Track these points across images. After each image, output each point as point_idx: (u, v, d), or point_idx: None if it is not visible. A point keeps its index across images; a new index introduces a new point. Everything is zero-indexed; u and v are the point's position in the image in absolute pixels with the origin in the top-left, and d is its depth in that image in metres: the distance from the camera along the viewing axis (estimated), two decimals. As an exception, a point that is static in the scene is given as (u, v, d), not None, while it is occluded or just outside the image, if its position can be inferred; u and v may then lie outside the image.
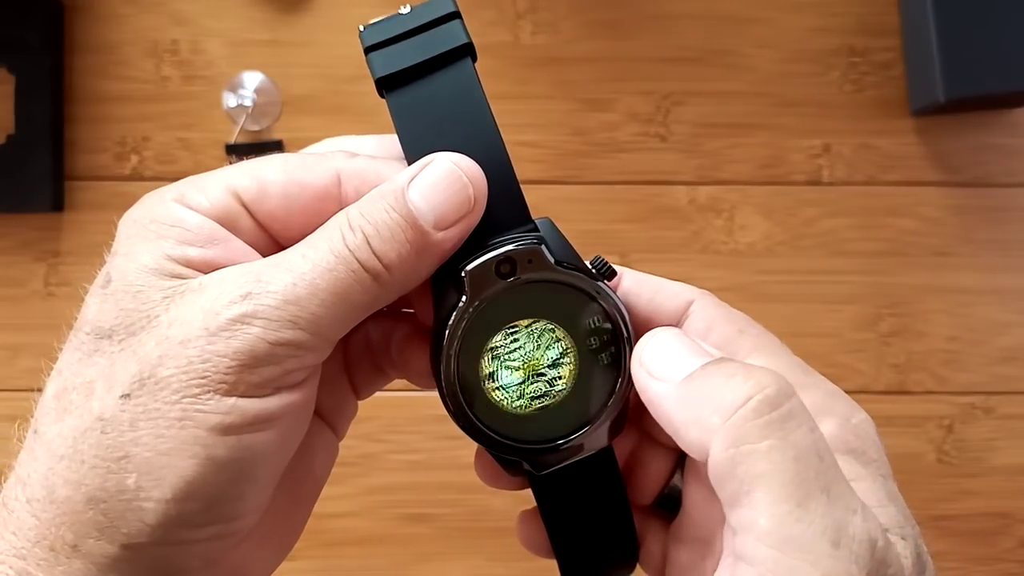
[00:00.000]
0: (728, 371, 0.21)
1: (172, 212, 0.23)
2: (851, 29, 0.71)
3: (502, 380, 0.26)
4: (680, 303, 0.25)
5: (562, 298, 0.25)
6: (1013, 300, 0.70)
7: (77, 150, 0.69)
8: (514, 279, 0.25)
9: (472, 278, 0.24)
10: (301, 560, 0.67)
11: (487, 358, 0.26)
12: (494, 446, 0.26)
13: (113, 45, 0.70)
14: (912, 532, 0.21)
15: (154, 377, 0.21)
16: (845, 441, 0.22)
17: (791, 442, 0.20)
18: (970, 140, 0.70)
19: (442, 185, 0.23)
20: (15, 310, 0.67)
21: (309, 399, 0.23)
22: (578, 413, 0.26)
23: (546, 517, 0.27)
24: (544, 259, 0.25)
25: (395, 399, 0.68)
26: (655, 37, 0.71)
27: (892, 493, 0.22)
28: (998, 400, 0.69)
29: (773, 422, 0.20)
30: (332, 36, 0.70)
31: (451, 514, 0.68)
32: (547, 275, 0.25)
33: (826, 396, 0.23)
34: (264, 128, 0.69)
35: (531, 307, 0.25)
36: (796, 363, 0.24)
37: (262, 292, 0.21)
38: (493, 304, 0.25)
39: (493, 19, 0.70)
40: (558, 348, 0.26)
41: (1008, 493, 0.69)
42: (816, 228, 0.70)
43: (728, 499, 0.20)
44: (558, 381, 0.26)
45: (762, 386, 0.20)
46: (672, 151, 0.70)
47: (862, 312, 0.69)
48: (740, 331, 0.24)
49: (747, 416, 0.20)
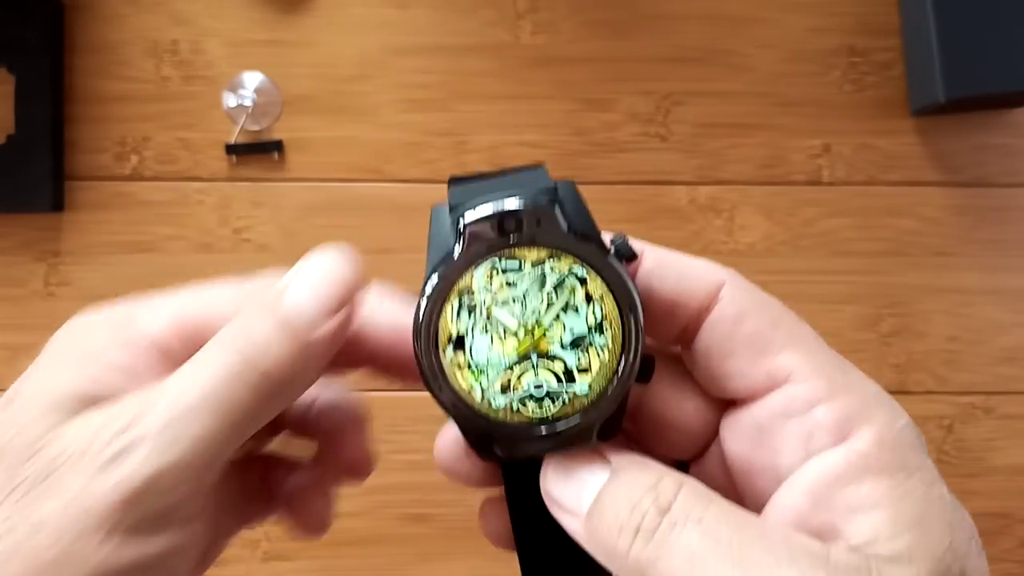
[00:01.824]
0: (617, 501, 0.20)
1: (105, 340, 0.22)
2: (851, 29, 0.71)
3: (475, 353, 0.20)
4: (709, 287, 0.22)
5: None
6: (1013, 300, 0.70)
7: (77, 150, 0.69)
8: (517, 240, 0.20)
9: (468, 228, 0.20)
10: (301, 560, 0.67)
11: (451, 308, 0.20)
12: (465, 423, 0.21)
13: (113, 45, 0.70)
14: (967, 532, 0.20)
15: (32, 518, 0.19)
16: (880, 459, 0.20)
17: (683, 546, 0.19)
18: (970, 140, 0.70)
19: (316, 281, 0.22)
20: (15, 310, 0.67)
21: (196, 537, 0.21)
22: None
23: (512, 510, 0.23)
24: (555, 223, 0.20)
25: (395, 399, 0.68)
26: (655, 37, 0.71)
27: (936, 499, 0.20)
28: (998, 400, 0.69)
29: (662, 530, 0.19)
30: (332, 36, 0.70)
31: (451, 514, 0.68)
32: (555, 241, 0.20)
33: (863, 402, 0.21)
34: (264, 128, 0.69)
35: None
36: (832, 360, 0.22)
37: (146, 415, 0.20)
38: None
39: (493, 19, 0.70)
40: (591, 312, 0.20)
41: (1008, 493, 0.69)
42: (816, 228, 0.70)
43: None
44: (580, 375, 0.20)
45: (642, 509, 0.19)
46: (672, 151, 0.70)
47: (862, 312, 0.69)
48: (773, 323, 0.22)
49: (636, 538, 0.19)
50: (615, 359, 0.20)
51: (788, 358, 0.21)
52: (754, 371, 0.21)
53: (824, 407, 0.20)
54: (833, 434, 0.20)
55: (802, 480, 0.20)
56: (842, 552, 0.18)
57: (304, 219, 0.69)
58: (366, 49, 0.70)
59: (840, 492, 0.19)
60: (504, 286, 0.20)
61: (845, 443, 0.20)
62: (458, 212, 0.21)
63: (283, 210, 0.69)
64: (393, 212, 0.68)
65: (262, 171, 0.69)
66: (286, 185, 0.69)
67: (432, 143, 0.69)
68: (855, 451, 0.20)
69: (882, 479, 0.19)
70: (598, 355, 0.20)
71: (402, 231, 0.68)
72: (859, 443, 0.20)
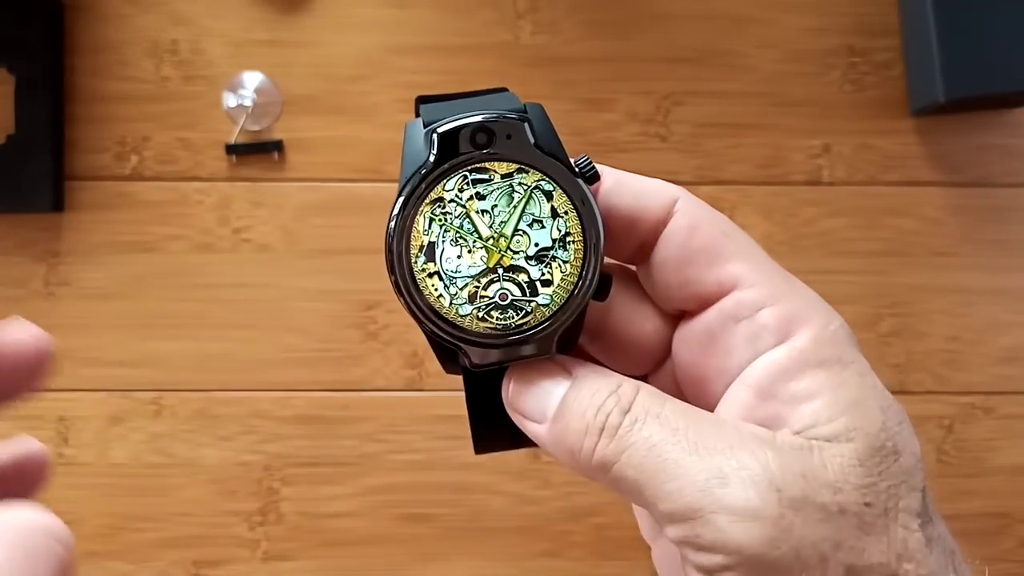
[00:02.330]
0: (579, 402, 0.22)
1: None
2: (851, 29, 0.71)
3: (444, 262, 0.21)
4: (664, 202, 0.23)
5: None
6: (1013, 300, 0.70)
7: (77, 150, 0.69)
8: (489, 152, 0.21)
9: (443, 139, 0.21)
10: (301, 560, 0.67)
11: (423, 218, 0.21)
12: (432, 331, 0.22)
13: (113, 45, 0.70)
14: (897, 412, 0.22)
15: None
16: (817, 354, 0.22)
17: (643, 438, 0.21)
18: (970, 140, 0.70)
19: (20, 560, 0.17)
20: (15, 310, 0.67)
21: None
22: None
23: (473, 419, 0.24)
24: (524, 138, 0.21)
25: (395, 399, 0.68)
26: (655, 37, 0.71)
27: (869, 387, 0.22)
28: (998, 400, 0.69)
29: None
30: (332, 36, 0.70)
31: (451, 514, 0.68)
32: (523, 156, 0.21)
33: (804, 305, 0.23)
34: (264, 128, 0.69)
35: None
36: (776, 269, 0.23)
37: None
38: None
39: (493, 19, 0.70)
40: (556, 226, 0.21)
41: (1008, 493, 0.69)
42: (816, 228, 0.70)
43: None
44: (543, 288, 0.21)
45: (606, 410, 0.21)
46: (672, 151, 0.70)
47: (862, 312, 0.69)
48: (724, 233, 0.23)
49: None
50: (576, 273, 0.21)
51: (737, 266, 0.23)
52: (706, 278, 0.23)
53: (769, 310, 0.22)
54: (776, 334, 0.22)
55: (749, 377, 0.22)
56: (787, 436, 0.21)
57: (304, 219, 0.69)
58: (366, 49, 0.70)
59: (784, 385, 0.21)
60: (474, 198, 0.21)
61: (787, 342, 0.22)
62: (432, 127, 0.21)
63: (283, 210, 0.69)
64: (393, 212, 0.68)
65: (262, 171, 0.69)
66: (286, 185, 0.69)
67: (432, 143, 0.69)
68: (796, 348, 0.22)
69: (820, 371, 0.21)
70: (560, 269, 0.21)
71: (402, 231, 0.68)
72: (799, 341, 0.22)
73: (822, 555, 0.19)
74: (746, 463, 0.20)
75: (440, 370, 0.24)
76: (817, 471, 0.20)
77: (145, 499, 0.67)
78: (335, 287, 0.69)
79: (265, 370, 0.68)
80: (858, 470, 0.20)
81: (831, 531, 0.20)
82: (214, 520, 0.68)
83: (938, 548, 0.21)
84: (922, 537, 0.20)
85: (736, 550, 0.19)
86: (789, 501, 0.19)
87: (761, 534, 0.19)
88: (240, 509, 0.68)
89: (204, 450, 0.68)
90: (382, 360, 0.68)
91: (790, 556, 0.19)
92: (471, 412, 0.24)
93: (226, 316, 0.68)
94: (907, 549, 0.20)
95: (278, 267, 0.68)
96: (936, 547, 0.21)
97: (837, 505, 0.20)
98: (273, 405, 0.68)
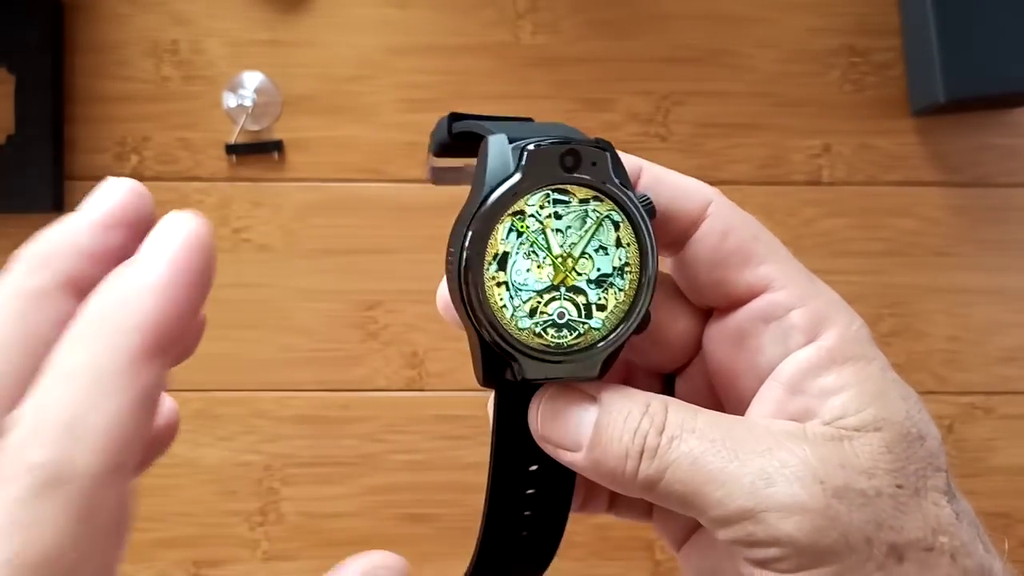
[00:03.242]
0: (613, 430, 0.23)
1: None
2: (851, 29, 0.71)
3: (514, 273, 0.22)
4: (699, 204, 0.24)
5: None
6: (1013, 300, 0.70)
7: (77, 150, 0.69)
8: (574, 175, 0.22)
9: (531, 156, 0.21)
10: (301, 560, 0.67)
11: (503, 227, 0.21)
12: (489, 337, 0.22)
13: (113, 45, 0.70)
14: (915, 402, 0.23)
15: None
16: (844, 352, 0.23)
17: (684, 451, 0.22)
18: (970, 140, 0.70)
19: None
20: (15, 310, 0.67)
21: None
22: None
23: (498, 436, 0.24)
24: (606, 168, 0.22)
25: (395, 399, 0.68)
26: (655, 37, 0.71)
27: (891, 381, 0.23)
28: (998, 400, 0.69)
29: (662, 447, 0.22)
30: (332, 36, 0.70)
31: (451, 514, 0.68)
32: (606, 187, 0.22)
33: (829, 305, 0.24)
34: (264, 128, 0.69)
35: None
36: (802, 271, 0.25)
37: None
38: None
39: (493, 19, 0.70)
40: (617, 255, 0.22)
41: (1008, 493, 0.69)
42: (816, 228, 0.70)
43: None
44: (597, 312, 0.22)
45: (643, 432, 0.22)
46: (672, 151, 0.70)
47: (862, 312, 0.68)
48: (754, 237, 0.25)
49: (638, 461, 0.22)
50: (628, 302, 0.22)
51: (767, 269, 0.24)
52: (738, 280, 0.24)
53: (798, 311, 0.24)
54: (806, 334, 0.23)
55: (781, 374, 0.23)
56: (817, 427, 0.22)
57: (304, 219, 0.69)
58: (366, 49, 0.70)
59: (813, 381, 0.23)
60: (552, 216, 0.22)
61: (816, 341, 0.23)
62: (520, 144, 0.22)
63: (283, 210, 0.69)
64: (393, 212, 0.68)
65: (262, 171, 0.69)
66: (286, 185, 0.69)
67: (432, 143, 0.69)
68: (824, 347, 0.23)
69: (847, 367, 0.23)
70: (615, 296, 0.22)
71: (402, 231, 0.68)
72: (827, 340, 0.23)
73: (867, 537, 0.21)
74: (787, 461, 0.21)
75: (441, 371, 0.24)
76: (851, 459, 0.21)
77: (145, 499, 0.67)
78: (335, 287, 0.69)
79: (265, 370, 0.68)
80: (887, 456, 0.22)
81: (872, 514, 0.21)
82: (214, 520, 0.68)
83: (966, 520, 0.23)
84: (951, 512, 0.22)
85: (789, 542, 0.21)
86: (833, 491, 0.21)
87: (812, 525, 0.20)
88: (240, 509, 0.68)
89: (204, 450, 0.68)
90: (382, 360, 0.68)
91: (840, 542, 0.21)
92: (497, 430, 0.24)
93: (226, 316, 0.68)
94: (940, 523, 0.22)
95: (278, 267, 0.68)
96: (964, 519, 0.23)
97: (874, 489, 0.21)
98: (273, 405, 0.68)
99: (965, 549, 0.22)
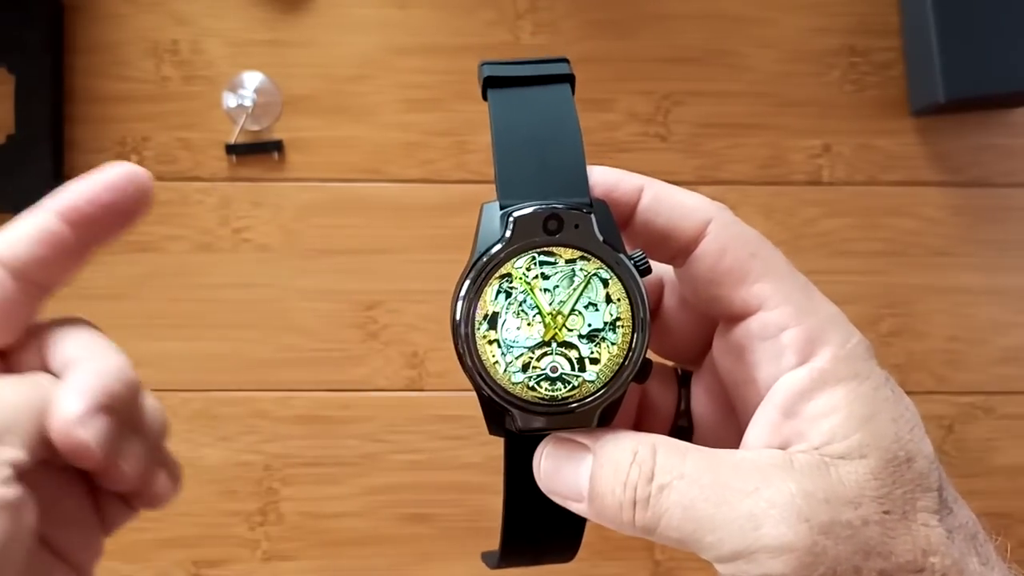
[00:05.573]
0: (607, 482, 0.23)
1: None
2: (851, 29, 0.71)
3: (504, 331, 0.23)
4: (697, 223, 0.25)
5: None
6: (1013, 300, 0.70)
7: (77, 150, 0.69)
8: (558, 238, 0.23)
9: (518, 223, 0.23)
10: (301, 560, 0.67)
11: (491, 289, 0.23)
12: (485, 392, 0.23)
13: (113, 45, 0.70)
14: (913, 416, 0.23)
15: None
16: (836, 373, 0.23)
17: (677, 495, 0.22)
18: (970, 140, 0.70)
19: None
20: (15, 310, 0.67)
21: (22, 510, 0.22)
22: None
23: (508, 480, 0.25)
24: (590, 229, 0.23)
25: (396, 399, 0.68)
26: (655, 37, 0.71)
27: (883, 400, 0.23)
28: (998, 400, 0.69)
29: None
30: (332, 36, 0.70)
31: (451, 514, 0.68)
32: (588, 245, 0.23)
33: (824, 323, 0.24)
34: (264, 128, 0.69)
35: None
36: (799, 286, 0.25)
37: None
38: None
39: (493, 19, 0.70)
40: (608, 311, 0.23)
41: (1008, 493, 0.69)
42: (816, 228, 0.70)
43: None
44: (590, 365, 0.23)
45: (632, 483, 0.23)
46: (672, 151, 0.70)
47: (862, 312, 0.69)
48: (752, 255, 0.25)
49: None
50: (622, 355, 0.23)
51: (762, 287, 0.24)
52: (733, 298, 0.25)
53: (791, 331, 0.24)
54: (798, 354, 0.24)
55: (775, 396, 0.24)
56: (804, 456, 0.22)
57: (304, 219, 0.69)
58: (366, 49, 0.70)
59: (805, 404, 0.23)
60: (539, 277, 0.23)
61: (808, 363, 0.23)
62: (508, 210, 0.23)
63: (283, 210, 0.69)
64: (393, 212, 0.68)
65: (262, 171, 0.69)
66: (286, 185, 0.69)
67: (432, 143, 0.69)
68: (816, 368, 0.23)
69: (838, 389, 0.23)
70: (608, 350, 0.23)
71: (402, 231, 0.68)
72: (819, 361, 0.23)
73: (855, 567, 0.21)
74: (774, 500, 0.21)
75: (441, 371, 0.25)
76: (836, 489, 0.22)
77: (145, 499, 0.67)
78: (335, 287, 0.69)
79: (265, 370, 0.68)
80: (873, 483, 0.22)
81: (859, 544, 0.21)
82: (214, 520, 0.68)
83: (959, 536, 0.23)
84: (943, 531, 0.22)
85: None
86: (819, 527, 0.21)
87: (799, 563, 0.21)
88: (240, 509, 0.68)
89: (204, 450, 0.68)
90: (383, 360, 0.68)
91: (828, 575, 0.21)
92: (508, 480, 0.25)
93: (226, 316, 0.68)
94: (930, 544, 0.22)
95: (278, 267, 0.68)
96: (957, 536, 0.22)
97: (860, 519, 0.21)
98: (273, 405, 0.68)
99: (957, 567, 0.22)
